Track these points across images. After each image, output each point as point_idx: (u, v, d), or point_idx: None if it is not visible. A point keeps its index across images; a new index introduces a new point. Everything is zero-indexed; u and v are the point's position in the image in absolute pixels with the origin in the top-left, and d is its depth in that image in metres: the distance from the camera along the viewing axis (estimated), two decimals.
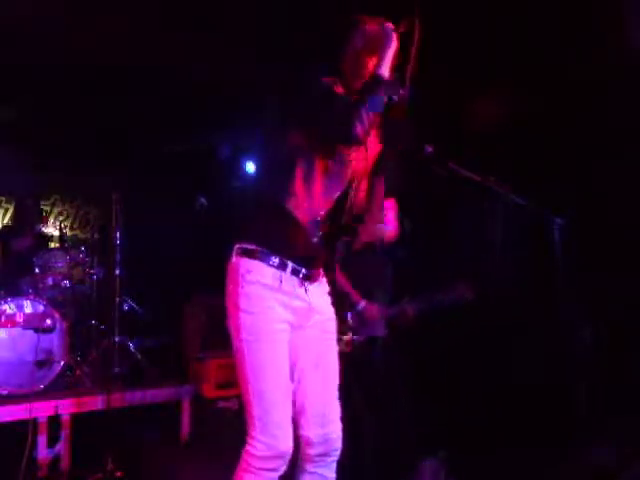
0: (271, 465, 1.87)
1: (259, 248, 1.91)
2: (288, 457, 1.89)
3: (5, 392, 3.69)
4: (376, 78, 1.85)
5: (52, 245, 5.25)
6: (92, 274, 4.81)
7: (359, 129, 1.76)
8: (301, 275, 1.96)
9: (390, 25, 1.94)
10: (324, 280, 2.11)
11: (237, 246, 1.95)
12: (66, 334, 4.03)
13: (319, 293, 2.07)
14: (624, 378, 3.62)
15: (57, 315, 4.00)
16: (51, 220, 6.61)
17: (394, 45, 1.90)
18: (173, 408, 4.27)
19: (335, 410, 2.04)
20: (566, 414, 3.15)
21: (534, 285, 3.99)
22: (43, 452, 3.52)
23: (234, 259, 1.94)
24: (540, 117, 4.12)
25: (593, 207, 3.76)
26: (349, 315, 3.30)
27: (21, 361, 3.81)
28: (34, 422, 3.46)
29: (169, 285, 5.95)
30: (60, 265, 4.55)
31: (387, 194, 2.34)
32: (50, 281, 4.44)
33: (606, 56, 3.73)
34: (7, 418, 3.51)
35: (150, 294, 5.62)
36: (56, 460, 3.60)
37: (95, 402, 3.78)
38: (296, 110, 1.92)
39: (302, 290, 1.97)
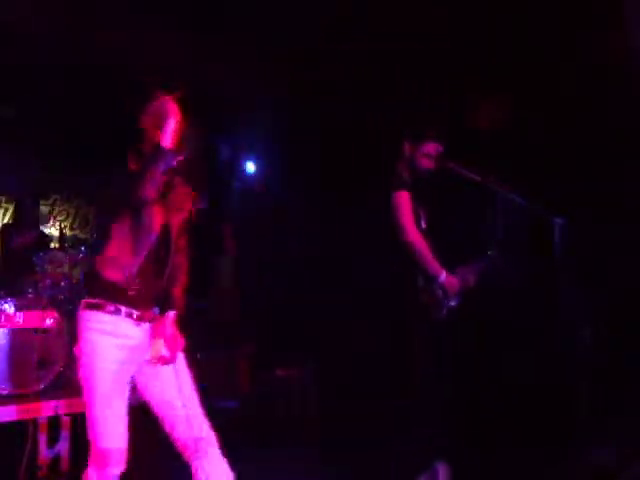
0: (104, 471, 2.30)
1: (96, 300, 2.28)
2: (118, 465, 2.32)
3: (5, 392, 3.69)
4: (155, 149, 2.27)
5: (52, 245, 5.25)
6: None
7: (142, 193, 2.19)
8: (135, 317, 2.30)
9: (168, 101, 2.36)
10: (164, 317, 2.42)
11: (83, 302, 2.31)
12: (66, 334, 4.03)
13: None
14: (624, 378, 3.62)
15: (57, 315, 4.00)
16: (51, 220, 6.61)
17: (172, 118, 2.30)
18: None
19: (197, 414, 2.42)
20: (566, 414, 3.16)
21: (534, 285, 3.99)
22: (43, 452, 3.52)
23: (80, 312, 2.31)
24: (540, 117, 4.12)
25: (593, 207, 3.77)
26: (435, 288, 3.18)
27: (21, 361, 3.81)
28: (34, 422, 3.46)
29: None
30: (60, 265, 4.55)
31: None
32: (50, 281, 4.44)
33: (606, 56, 3.73)
34: (7, 418, 3.51)
35: None
36: (56, 460, 3.59)
37: None
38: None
39: (138, 330, 2.32)
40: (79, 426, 3.72)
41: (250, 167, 6.90)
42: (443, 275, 3.15)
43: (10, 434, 3.48)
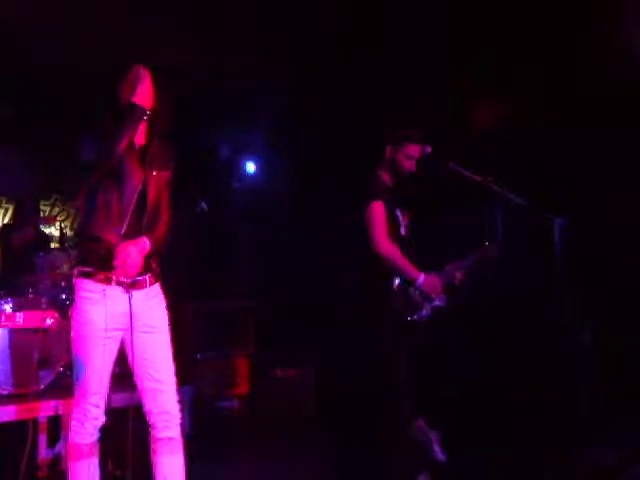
0: (84, 420, 2.45)
1: (86, 269, 2.38)
2: (94, 419, 2.44)
3: (5, 392, 3.69)
4: (129, 104, 2.40)
5: (52, 245, 5.24)
6: None
7: (114, 145, 2.32)
8: (126, 285, 2.40)
9: (140, 67, 2.48)
10: (153, 285, 2.55)
11: (76, 269, 2.42)
12: (66, 334, 4.02)
13: (145, 298, 2.49)
14: (624, 378, 3.62)
15: (57, 315, 3.99)
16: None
17: (142, 80, 2.43)
18: None
19: (166, 384, 2.52)
20: (567, 414, 3.16)
21: (534, 285, 3.99)
22: (43, 452, 3.52)
23: (74, 280, 2.43)
24: (540, 117, 4.12)
25: (593, 207, 3.77)
26: (413, 292, 3.24)
27: (21, 361, 3.81)
28: (34, 422, 3.45)
29: (169, 285, 5.94)
30: (60, 265, 4.54)
31: None
32: (50, 281, 4.44)
33: (607, 57, 3.73)
34: (7, 418, 3.51)
35: None
36: (56, 460, 3.59)
37: None
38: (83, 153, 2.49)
39: (126, 297, 2.40)
40: None
41: (250, 167, 6.90)
42: (420, 279, 3.20)
43: (10, 434, 3.48)
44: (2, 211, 6.37)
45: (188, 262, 6.24)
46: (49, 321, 3.93)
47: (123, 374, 4.29)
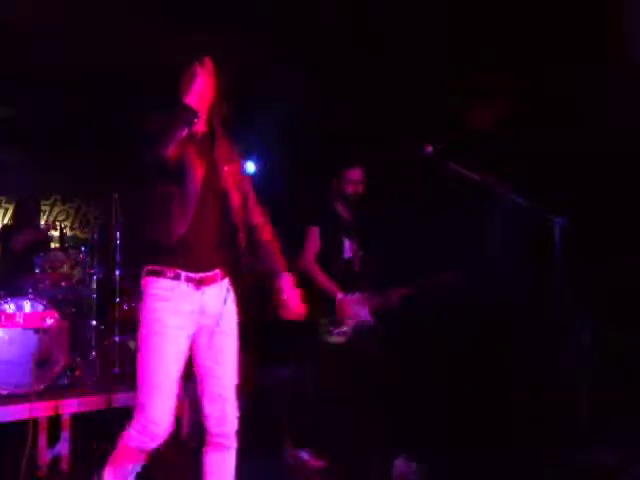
0: (149, 434, 2.28)
1: (156, 267, 2.29)
2: (163, 433, 2.28)
3: (5, 392, 3.69)
4: (181, 106, 2.27)
5: (52, 245, 5.24)
6: (92, 274, 4.81)
7: (163, 146, 2.19)
8: (196, 281, 2.29)
9: (196, 64, 2.42)
10: (224, 282, 2.40)
11: (144, 268, 2.32)
12: (66, 334, 4.02)
13: (217, 296, 2.36)
14: (624, 378, 3.62)
15: (57, 315, 3.99)
16: (51, 220, 6.61)
17: (199, 79, 2.35)
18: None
19: (231, 392, 2.41)
20: (566, 414, 3.16)
21: (534, 285, 3.99)
22: (43, 452, 3.52)
23: (142, 279, 2.32)
24: (540, 117, 4.12)
25: (593, 207, 3.76)
26: (331, 309, 3.56)
27: (21, 361, 3.80)
28: (34, 422, 3.45)
29: None
30: (60, 265, 4.54)
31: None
32: (50, 281, 4.44)
33: (607, 57, 3.73)
34: (7, 418, 3.51)
35: None
36: (56, 460, 3.59)
37: (95, 402, 3.78)
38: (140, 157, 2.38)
39: (198, 294, 2.29)
40: (79, 426, 3.73)
41: (250, 167, 6.90)
42: (338, 297, 3.57)
43: (10, 434, 3.48)
44: (2, 211, 6.37)
45: None
46: (49, 321, 3.93)
47: (123, 374, 4.33)
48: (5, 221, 6.30)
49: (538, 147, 4.13)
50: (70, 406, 3.69)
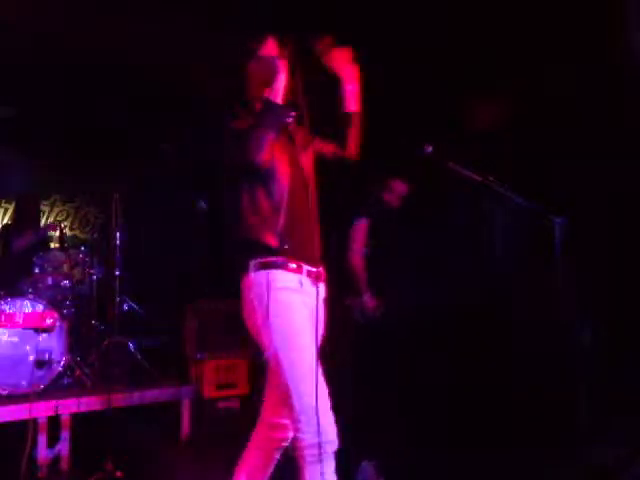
0: (321, 450, 2.00)
1: (275, 258, 2.07)
2: (335, 443, 2.03)
3: (5, 392, 3.69)
4: (266, 104, 2.10)
5: (52, 245, 5.24)
6: (92, 274, 4.81)
7: (256, 151, 2.01)
8: (314, 275, 2.13)
9: (276, 58, 2.17)
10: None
11: (253, 261, 2.10)
12: (66, 334, 4.03)
13: (323, 295, 2.21)
14: (624, 378, 3.62)
15: (57, 315, 3.99)
16: (50, 220, 6.61)
17: (281, 73, 2.12)
18: (173, 408, 4.27)
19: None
20: (566, 414, 3.15)
21: (534, 285, 3.99)
22: (43, 452, 3.52)
23: (253, 275, 2.09)
24: (540, 117, 4.12)
25: (593, 207, 3.77)
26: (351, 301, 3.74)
27: (21, 361, 3.81)
28: (34, 422, 3.45)
29: (169, 285, 5.95)
30: (60, 265, 4.54)
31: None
32: (50, 281, 4.44)
33: (607, 56, 3.73)
34: (7, 418, 3.51)
35: (150, 294, 5.61)
36: (56, 460, 3.59)
37: (95, 402, 3.78)
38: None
39: (314, 290, 2.12)
40: (79, 426, 3.74)
41: None
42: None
43: (10, 434, 3.48)
44: (2, 211, 6.37)
45: (188, 262, 6.25)
46: (49, 321, 3.92)
47: (123, 374, 4.32)
48: (5, 221, 6.29)
49: (538, 147, 4.13)
50: (70, 406, 3.69)
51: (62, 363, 3.96)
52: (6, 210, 6.38)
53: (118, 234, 4.72)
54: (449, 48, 4.33)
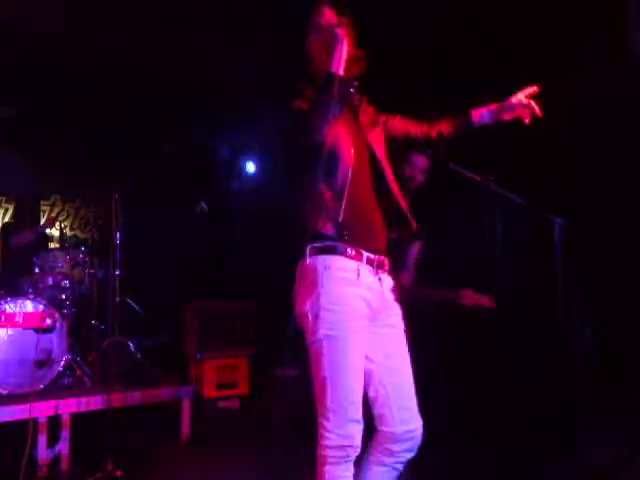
0: (344, 453, 1.89)
1: (333, 243, 1.94)
2: (358, 449, 1.92)
3: (5, 392, 3.69)
4: (328, 76, 1.95)
5: (52, 245, 5.25)
6: (92, 274, 4.81)
7: (318, 128, 1.89)
8: (375, 264, 1.99)
9: (335, 26, 2.02)
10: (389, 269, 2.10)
11: (309, 246, 1.96)
12: (66, 334, 4.03)
13: (388, 283, 2.08)
14: (624, 378, 3.62)
15: (57, 315, 4.00)
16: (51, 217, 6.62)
17: (342, 43, 1.98)
18: (173, 408, 4.27)
19: (415, 405, 2.03)
20: (567, 414, 3.16)
21: (534, 285, 3.99)
22: (43, 452, 3.52)
23: (308, 260, 1.95)
24: (540, 116, 4.11)
25: (593, 207, 3.76)
26: None
27: (21, 361, 3.81)
28: (34, 422, 3.45)
29: (169, 285, 5.95)
30: (60, 265, 4.54)
31: None
32: (50, 281, 4.44)
33: (606, 57, 3.73)
34: (7, 418, 3.51)
35: (150, 294, 5.62)
36: (56, 460, 3.59)
37: (95, 402, 3.78)
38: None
39: (376, 280, 1.99)
40: (79, 426, 3.74)
41: (250, 167, 6.90)
42: None
43: (10, 434, 3.48)
44: (2, 211, 6.37)
45: (188, 262, 6.25)
46: (49, 321, 3.93)
47: (123, 374, 4.33)
48: (5, 221, 6.30)
49: (538, 147, 4.13)
50: (70, 406, 3.69)
51: (62, 363, 3.96)
52: (6, 210, 6.38)
53: (118, 234, 4.72)
54: (449, 47, 4.33)
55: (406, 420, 1.99)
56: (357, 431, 1.90)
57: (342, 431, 1.87)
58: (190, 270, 6.17)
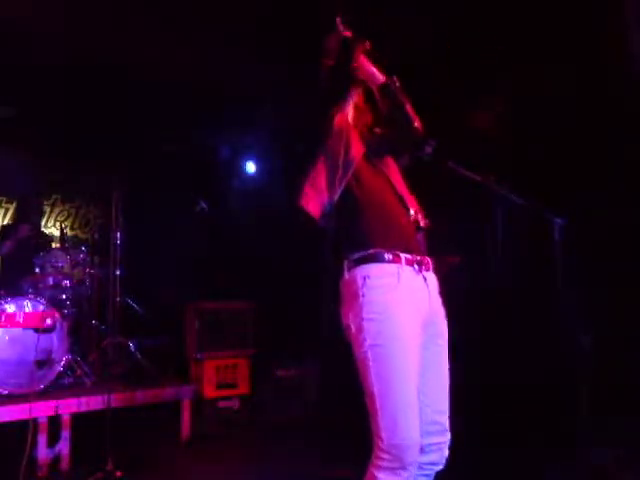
0: (398, 477, 1.78)
1: (370, 251, 1.90)
2: (415, 467, 1.81)
3: (5, 392, 3.69)
4: (385, 85, 2.21)
5: (52, 245, 5.25)
6: (92, 274, 4.81)
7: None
8: (416, 263, 1.93)
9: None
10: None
11: (347, 260, 1.93)
12: (66, 334, 4.03)
13: (434, 283, 2.02)
14: (624, 378, 3.62)
15: (57, 315, 4.00)
16: (51, 220, 6.62)
17: (358, 51, 2.20)
18: (173, 408, 4.27)
19: (447, 420, 1.97)
20: (567, 414, 3.15)
21: (534, 286, 3.99)
22: (43, 452, 3.53)
23: (347, 274, 1.91)
24: (540, 117, 4.12)
25: (593, 207, 3.76)
26: None
27: (21, 361, 3.81)
28: (34, 422, 3.46)
29: (169, 285, 5.95)
30: (60, 265, 4.54)
31: None
32: (50, 281, 4.44)
33: (607, 57, 3.73)
34: (7, 418, 3.51)
35: (150, 294, 5.62)
36: (56, 460, 3.60)
37: (95, 402, 3.78)
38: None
39: (421, 279, 1.94)
40: (79, 426, 3.74)
41: (250, 167, 6.90)
42: None
43: (10, 434, 3.48)
44: (2, 211, 6.37)
45: (188, 262, 6.25)
46: (49, 321, 3.93)
47: (123, 374, 4.33)
48: (5, 221, 6.30)
49: (538, 147, 4.13)
50: (70, 406, 3.69)
51: (62, 363, 3.96)
52: (6, 210, 6.39)
53: (118, 234, 4.72)
54: (450, 46, 4.33)
55: (432, 433, 1.91)
56: (411, 454, 1.77)
57: (394, 450, 1.75)
58: (190, 270, 6.16)
